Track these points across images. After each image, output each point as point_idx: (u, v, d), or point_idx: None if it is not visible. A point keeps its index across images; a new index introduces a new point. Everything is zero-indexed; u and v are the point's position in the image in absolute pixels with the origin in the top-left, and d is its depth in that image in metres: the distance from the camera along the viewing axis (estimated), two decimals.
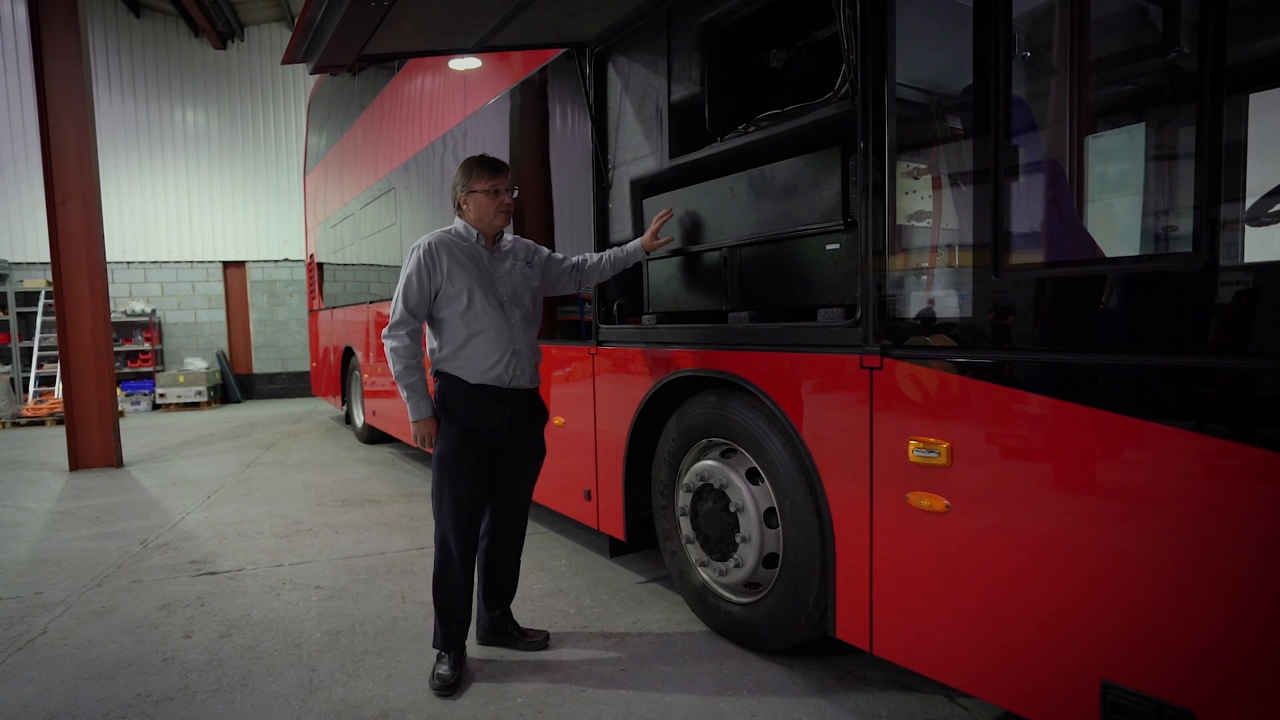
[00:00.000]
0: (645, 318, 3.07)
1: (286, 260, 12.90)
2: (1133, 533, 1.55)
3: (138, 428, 9.65)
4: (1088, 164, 2.34)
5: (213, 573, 3.80)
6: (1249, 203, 1.41)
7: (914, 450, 1.94)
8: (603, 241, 3.31)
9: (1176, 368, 1.47)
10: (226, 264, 12.77)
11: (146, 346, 11.96)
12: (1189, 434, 1.45)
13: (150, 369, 11.90)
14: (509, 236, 2.69)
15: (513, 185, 2.57)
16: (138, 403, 11.55)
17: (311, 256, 9.64)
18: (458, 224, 2.60)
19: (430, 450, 2.56)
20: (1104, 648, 1.60)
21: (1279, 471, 1.33)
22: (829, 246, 2.27)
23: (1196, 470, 1.45)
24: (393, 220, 6.11)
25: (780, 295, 2.50)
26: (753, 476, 2.62)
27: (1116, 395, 1.56)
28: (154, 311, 12.16)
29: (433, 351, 2.57)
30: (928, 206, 1.95)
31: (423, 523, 4.63)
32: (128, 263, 12.19)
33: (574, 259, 2.88)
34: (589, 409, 3.42)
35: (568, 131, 3.61)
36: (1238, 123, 1.39)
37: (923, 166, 1.95)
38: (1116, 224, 2.24)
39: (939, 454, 1.88)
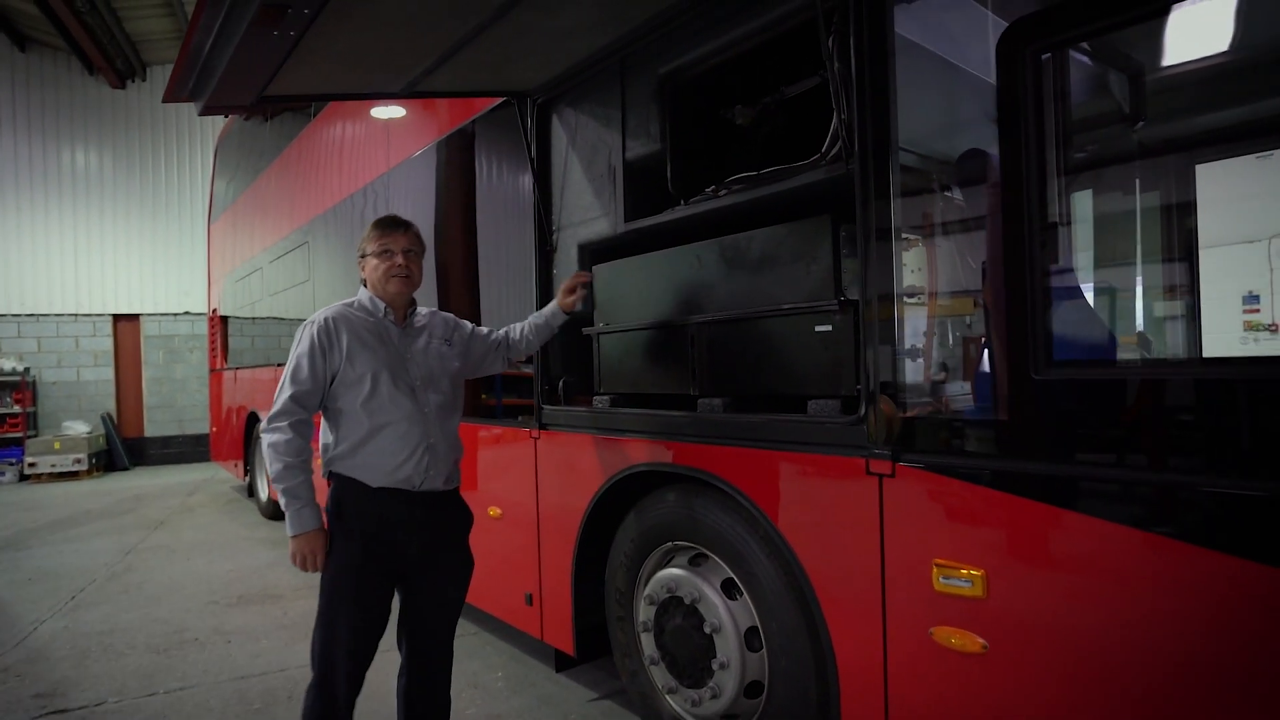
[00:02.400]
0: (597, 399, 2.70)
1: (187, 314, 11.88)
2: (1218, 689, 1.26)
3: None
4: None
5: (62, 710, 3.09)
6: None
7: (939, 577, 1.62)
8: None
9: (1269, 496, 1.21)
10: (118, 317, 11.64)
11: (16, 409, 10.62)
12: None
13: (20, 434, 10.56)
14: (424, 310, 2.30)
15: (415, 246, 2.19)
16: (1, 474, 10.20)
17: (214, 311, 8.85)
18: (362, 295, 2.21)
19: (312, 570, 2.05)
20: None
21: None
22: (818, 328, 1.97)
23: None
24: (306, 277, 5.56)
25: (758, 381, 2.19)
26: (729, 589, 2.25)
27: (1201, 525, 1.29)
28: (27, 370, 10.88)
29: (325, 449, 2.12)
30: (943, 287, 1.68)
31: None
32: None
33: (500, 333, 2.52)
34: (530, 501, 2.99)
35: (506, 189, 3.26)
36: None
37: (936, 242, 1.69)
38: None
39: (972, 583, 1.56)
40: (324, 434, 2.13)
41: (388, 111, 4.27)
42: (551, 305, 2.58)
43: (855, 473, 1.79)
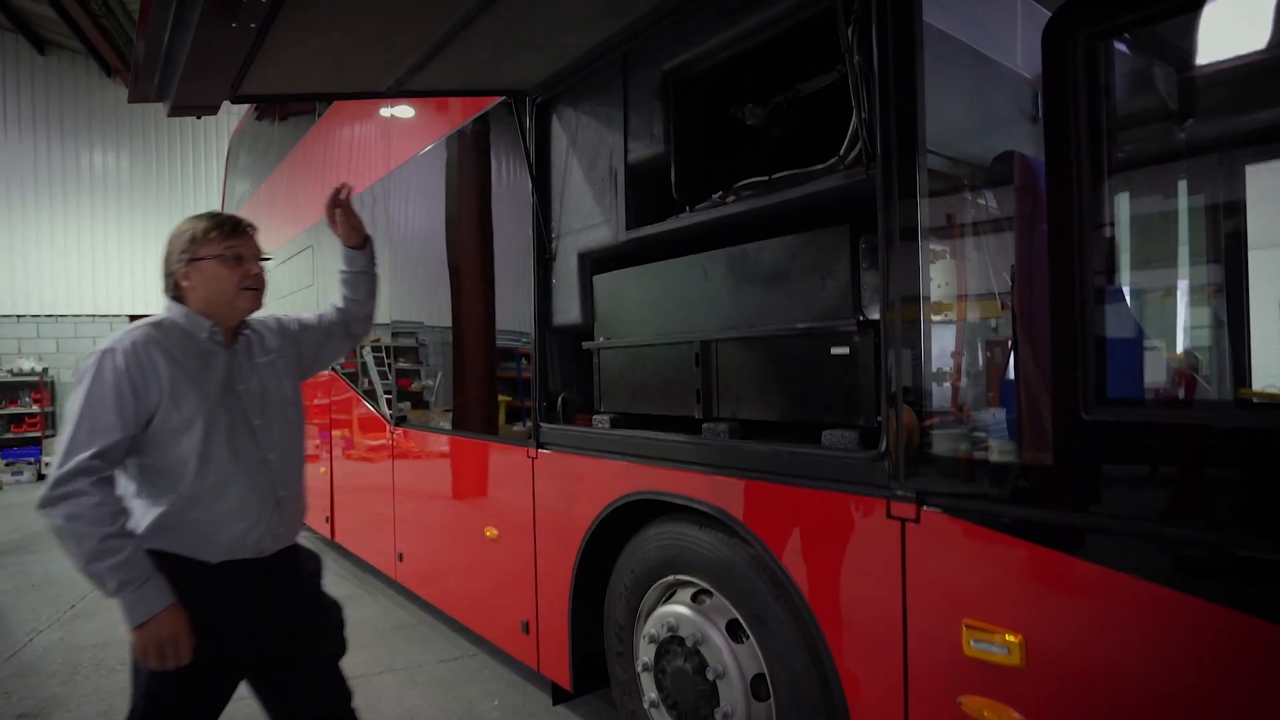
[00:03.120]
0: (597, 419, 2.52)
1: None
2: None
3: (13, 505, 8.45)
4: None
5: None
6: None
7: (970, 640, 1.42)
8: (545, 322, 2.77)
9: None
10: (134, 318, 11.67)
11: (34, 409, 10.71)
12: None
13: (38, 434, 10.64)
14: (252, 320, 1.82)
15: (260, 255, 1.76)
16: (20, 473, 10.25)
17: None
18: (173, 313, 1.69)
19: (175, 662, 1.51)
20: None
21: None
22: (834, 350, 1.78)
23: None
24: (309, 281, 5.46)
25: (768, 406, 2.00)
26: (734, 630, 2.07)
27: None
28: (45, 370, 10.96)
29: (135, 522, 1.59)
30: (976, 308, 1.48)
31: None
32: (18, 316, 11.01)
33: (331, 310, 2.04)
34: (527, 523, 2.82)
35: (504, 193, 3.09)
36: None
37: (968, 256, 1.50)
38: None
39: (1009, 650, 1.36)
40: (135, 502, 1.61)
41: (391, 110, 4.13)
42: (341, 249, 2.06)
43: (875, 515, 1.60)
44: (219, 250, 1.67)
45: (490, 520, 3.09)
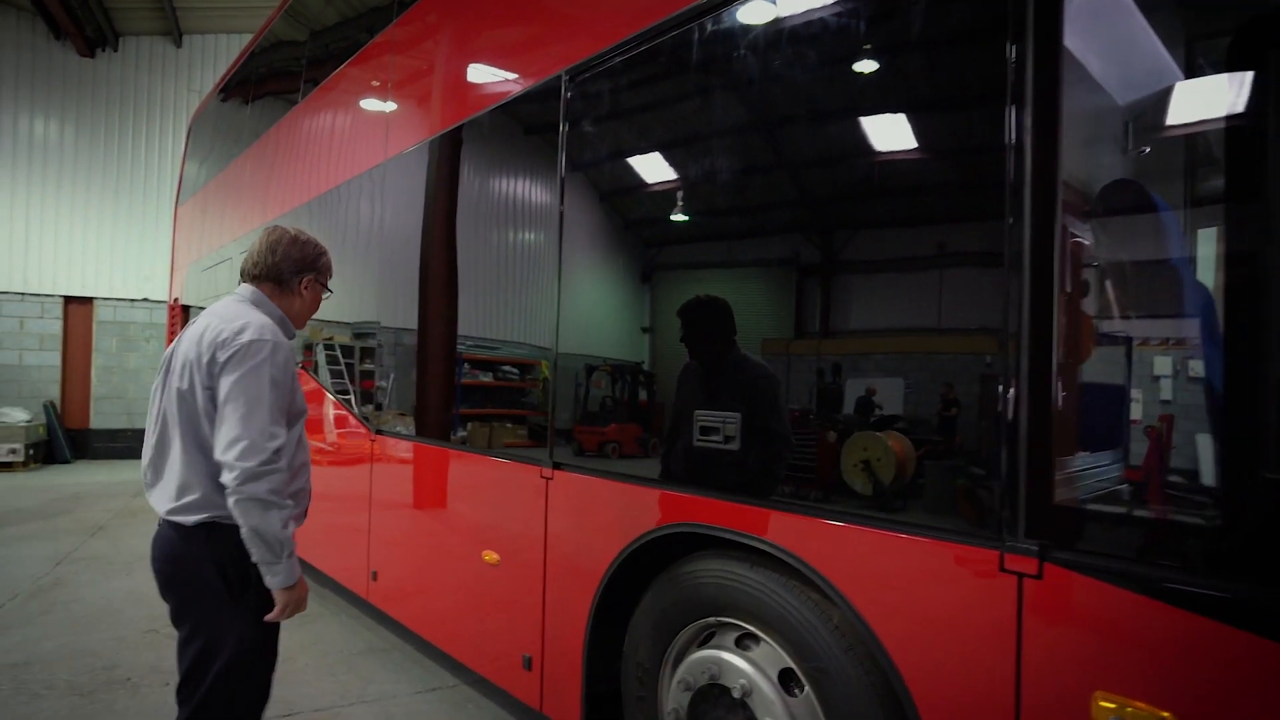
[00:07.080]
0: None
1: (146, 300, 11.19)
2: None
3: None
4: None
5: None
6: None
7: (1107, 718, 1.26)
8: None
9: None
10: (69, 299, 10.91)
11: None
12: None
13: None
14: None
15: None
16: None
17: (176, 300, 8.27)
18: (273, 314, 1.93)
19: (290, 616, 1.86)
20: None
21: None
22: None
23: None
24: None
25: None
26: (786, 681, 1.88)
27: None
28: None
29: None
30: (1117, 332, 1.34)
31: (292, 660, 3.52)
32: None
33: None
34: (537, 551, 2.58)
35: (527, 193, 2.87)
36: None
37: (1105, 277, 1.36)
38: None
39: None
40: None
41: (383, 105, 3.88)
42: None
43: (983, 568, 1.43)
44: (326, 279, 2.05)
45: (490, 544, 2.83)
